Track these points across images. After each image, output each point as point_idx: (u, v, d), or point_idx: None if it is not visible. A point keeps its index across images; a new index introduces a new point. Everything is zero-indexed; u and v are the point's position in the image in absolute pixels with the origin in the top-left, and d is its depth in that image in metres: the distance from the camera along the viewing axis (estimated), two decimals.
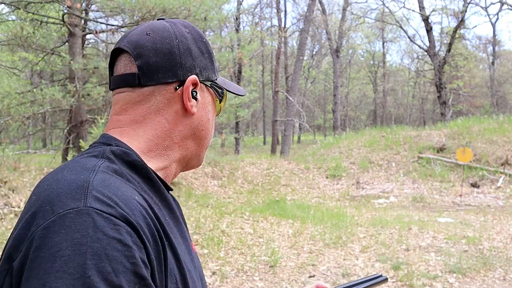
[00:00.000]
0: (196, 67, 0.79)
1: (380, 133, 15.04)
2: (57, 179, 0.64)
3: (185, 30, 0.80)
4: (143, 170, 0.72)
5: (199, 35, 0.82)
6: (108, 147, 0.72)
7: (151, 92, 0.76)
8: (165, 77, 0.76)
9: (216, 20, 10.62)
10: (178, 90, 0.77)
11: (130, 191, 0.65)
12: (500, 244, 5.80)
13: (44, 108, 9.01)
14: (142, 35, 0.77)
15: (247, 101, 10.95)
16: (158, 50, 0.76)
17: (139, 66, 0.75)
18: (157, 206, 0.70)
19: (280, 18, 23.23)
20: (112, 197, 0.61)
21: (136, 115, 0.76)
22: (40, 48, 9.86)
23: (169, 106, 0.77)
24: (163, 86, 0.76)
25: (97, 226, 0.57)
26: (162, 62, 0.75)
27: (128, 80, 0.76)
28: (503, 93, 35.33)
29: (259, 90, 32.39)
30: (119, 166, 0.69)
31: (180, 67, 0.77)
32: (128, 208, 0.61)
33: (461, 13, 21.49)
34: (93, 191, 0.61)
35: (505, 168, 11.18)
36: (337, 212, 7.95)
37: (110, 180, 0.64)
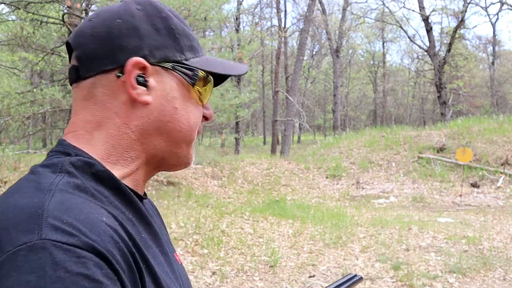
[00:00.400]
0: (143, 48, 0.65)
1: (380, 133, 15.04)
2: (6, 205, 0.54)
3: (136, 7, 0.68)
4: (110, 181, 0.62)
5: (155, 10, 0.69)
6: (67, 158, 0.61)
7: (93, 85, 0.65)
8: (103, 64, 0.64)
9: (216, 20, 10.63)
10: (121, 77, 0.64)
11: (97, 211, 0.55)
12: (500, 244, 5.80)
13: (44, 108, 9.01)
14: (85, 22, 0.68)
15: (247, 101, 10.95)
16: (95, 35, 0.65)
17: (77, 57, 0.66)
18: (131, 223, 0.61)
19: (280, 18, 23.25)
20: (74, 222, 0.51)
21: (87, 114, 0.65)
22: (40, 48, 9.87)
23: (115, 98, 0.65)
24: (104, 76, 0.65)
25: (56, 262, 0.47)
26: (99, 48, 0.64)
27: (72, 75, 0.67)
28: (503, 93, 35.35)
29: (259, 90, 32.40)
30: (82, 180, 0.59)
31: (120, 50, 0.64)
32: (94, 233, 0.51)
33: (461, 13, 21.49)
34: (49, 218, 0.50)
35: (505, 168, 11.18)
36: (337, 212, 7.95)
37: (71, 201, 0.54)
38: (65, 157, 0.62)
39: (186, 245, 5.25)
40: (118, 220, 0.57)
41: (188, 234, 5.63)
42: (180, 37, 0.70)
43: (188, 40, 0.71)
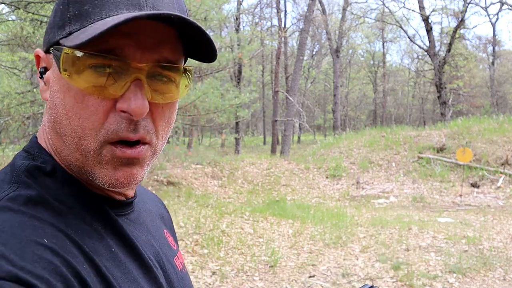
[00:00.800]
0: (46, 35, 0.56)
1: (380, 133, 15.05)
2: None
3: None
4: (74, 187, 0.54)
5: None
6: (25, 164, 0.54)
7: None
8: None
9: (216, 20, 10.62)
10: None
11: (36, 231, 0.46)
12: (500, 244, 5.80)
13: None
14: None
15: (247, 101, 10.94)
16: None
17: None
18: (98, 236, 0.53)
19: (280, 18, 23.24)
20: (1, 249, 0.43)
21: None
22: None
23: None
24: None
25: None
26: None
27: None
28: (503, 93, 35.35)
29: (259, 90, 32.39)
30: (39, 190, 0.51)
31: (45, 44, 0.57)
32: (24, 260, 0.43)
33: (461, 13, 21.49)
34: None
35: (505, 168, 11.18)
36: (337, 212, 7.95)
37: (6, 223, 0.46)
38: (25, 161, 0.54)
39: (186, 245, 5.25)
40: (73, 238, 0.49)
41: (188, 234, 5.63)
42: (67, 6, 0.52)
43: (79, 5, 0.51)
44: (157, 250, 0.64)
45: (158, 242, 0.66)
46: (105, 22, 0.48)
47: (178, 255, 0.71)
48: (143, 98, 0.51)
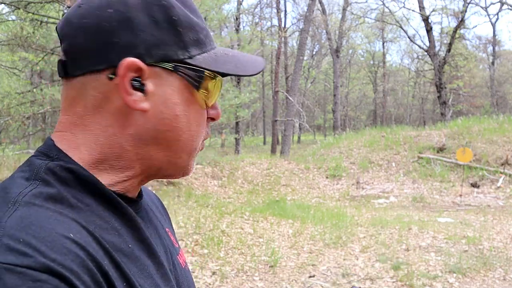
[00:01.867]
0: (138, 45, 0.55)
1: (380, 133, 15.05)
2: None
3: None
4: (93, 187, 0.55)
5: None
6: (44, 163, 0.55)
7: (83, 85, 0.57)
8: (93, 63, 0.55)
9: (216, 20, 10.64)
10: (114, 79, 0.55)
11: (62, 226, 0.49)
12: (500, 244, 5.80)
13: (44, 108, 9.01)
14: (74, 7, 0.58)
15: (247, 101, 10.96)
16: (83, 27, 0.55)
17: (64, 50, 0.57)
18: (115, 233, 0.55)
19: (280, 18, 23.25)
20: (31, 241, 0.45)
21: (74, 115, 0.58)
22: (40, 48, 9.87)
23: (107, 102, 0.56)
24: (94, 76, 0.56)
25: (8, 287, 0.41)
26: (87, 43, 0.55)
27: (59, 70, 0.59)
28: (503, 93, 35.36)
29: (259, 90, 32.41)
30: (58, 188, 0.52)
31: (112, 48, 0.55)
32: (55, 252, 0.45)
33: (461, 13, 21.50)
34: (4, 237, 0.45)
35: (505, 168, 11.19)
36: (337, 212, 7.95)
37: (32, 217, 0.48)
38: (44, 161, 0.55)
39: (186, 245, 5.25)
40: (92, 233, 0.51)
41: (188, 234, 5.63)
42: (184, 30, 0.58)
43: (194, 32, 0.59)
44: (166, 247, 0.66)
45: (165, 239, 0.68)
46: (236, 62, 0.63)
47: (180, 252, 0.73)
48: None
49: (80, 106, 0.57)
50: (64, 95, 0.60)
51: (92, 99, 0.57)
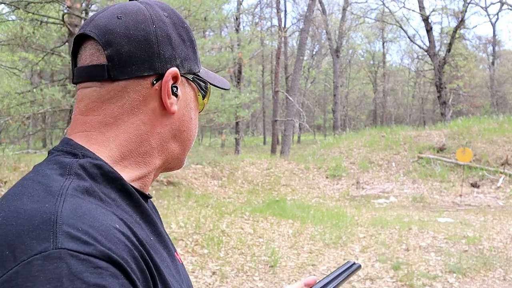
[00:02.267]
0: (176, 58, 0.67)
1: (380, 133, 15.04)
2: (15, 210, 0.50)
3: (163, 13, 0.68)
4: (118, 182, 0.60)
5: (179, 19, 0.70)
6: (75, 160, 0.59)
7: (124, 88, 0.63)
8: (140, 69, 0.63)
9: (216, 20, 10.62)
10: (155, 85, 0.65)
11: (109, 217, 0.53)
12: (500, 244, 5.80)
13: (44, 108, 9.01)
14: (112, 18, 0.64)
15: (247, 101, 10.94)
16: (131, 37, 0.63)
17: (109, 56, 0.63)
18: (139, 226, 0.60)
19: (280, 18, 23.25)
20: (89, 230, 0.49)
21: (106, 115, 0.64)
22: (40, 48, 9.87)
23: (145, 105, 0.65)
24: (138, 81, 0.64)
25: (73, 273, 0.45)
26: (136, 52, 0.63)
27: (96, 73, 0.63)
28: (503, 93, 35.36)
29: (259, 90, 32.40)
30: (90, 183, 0.57)
31: (158, 57, 0.64)
32: (110, 241, 0.49)
33: (461, 13, 21.49)
34: (63, 225, 0.48)
35: (505, 168, 11.19)
36: (337, 212, 7.95)
37: (83, 207, 0.52)
38: (72, 158, 0.60)
39: (186, 245, 5.25)
40: (128, 225, 0.56)
41: (188, 234, 5.63)
42: (196, 48, 0.72)
43: (198, 51, 0.74)
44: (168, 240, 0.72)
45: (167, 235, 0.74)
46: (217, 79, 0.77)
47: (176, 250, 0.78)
48: None
49: (115, 107, 0.64)
50: (94, 97, 0.64)
51: (131, 100, 0.64)
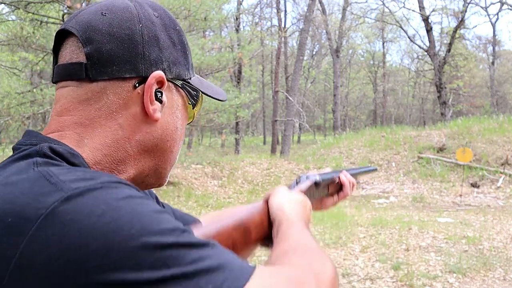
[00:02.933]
0: (163, 61, 0.62)
1: (380, 133, 15.04)
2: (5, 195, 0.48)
3: (154, 13, 0.63)
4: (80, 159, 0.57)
5: (171, 20, 0.65)
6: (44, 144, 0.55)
7: (103, 89, 0.59)
8: (122, 70, 0.59)
9: (216, 20, 10.63)
10: (137, 88, 0.60)
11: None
12: (500, 244, 5.80)
13: (44, 108, 9.01)
14: (96, 14, 0.60)
15: (247, 101, 10.95)
16: (114, 35, 0.59)
17: (88, 54, 0.58)
18: None
19: (280, 18, 23.26)
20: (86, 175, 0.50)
21: (82, 117, 0.59)
22: (40, 48, 9.87)
23: (125, 108, 0.60)
24: (118, 82, 0.59)
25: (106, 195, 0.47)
26: (118, 51, 0.59)
27: (74, 72, 0.59)
28: (503, 93, 35.35)
29: (259, 90, 32.40)
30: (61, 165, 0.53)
31: (142, 59, 0.60)
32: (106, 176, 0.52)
33: (461, 13, 21.50)
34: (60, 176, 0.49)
35: (505, 168, 11.19)
36: (337, 212, 7.95)
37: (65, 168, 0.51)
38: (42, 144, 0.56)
39: None
40: None
41: None
42: (189, 53, 0.67)
43: (191, 56, 0.69)
44: None
45: None
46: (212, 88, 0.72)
47: None
48: None
49: (92, 109, 0.59)
50: (70, 97, 0.60)
51: (110, 103, 0.59)
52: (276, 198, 0.78)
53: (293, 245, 0.62)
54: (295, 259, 0.57)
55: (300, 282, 0.51)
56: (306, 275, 0.53)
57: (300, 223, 0.70)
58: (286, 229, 0.68)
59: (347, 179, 1.05)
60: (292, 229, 0.68)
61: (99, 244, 0.43)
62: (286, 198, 0.78)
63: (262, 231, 0.77)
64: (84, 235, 0.43)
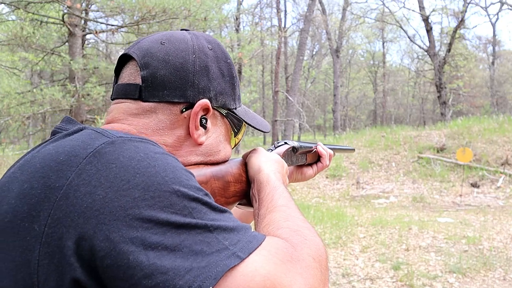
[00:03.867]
0: (211, 90, 0.67)
1: (380, 133, 15.04)
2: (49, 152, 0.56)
3: (208, 45, 0.69)
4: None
5: (223, 54, 0.71)
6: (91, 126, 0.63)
7: (153, 109, 0.65)
8: (172, 95, 0.65)
9: (216, 20, 10.63)
10: (184, 113, 0.66)
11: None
12: (500, 244, 5.80)
13: (44, 108, 9.01)
14: (155, 42, 0.67)
15: (247, 101, 10.95)
16: (169, 63, 0.65)
17: (143, 77, 0.65)
18: None
19: (280, 18, 23.25)
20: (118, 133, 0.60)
21: (130, 125, 0.66)
22: (40, 48, 9.87)
23: (171, 129, 0.66)
24: (168, 105, 0.65)
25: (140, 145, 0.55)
26: (171, 77, 0.65)
27: (129, 91, 0.66)
28: (503, 93, 35.32)
29: (259, 90, 32.39)
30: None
31: (191, 86, 0.66)
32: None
33: (461, 13, 21.49)
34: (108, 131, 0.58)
35: (505, 168, 11.18)
36: (337, 212, 7.95)
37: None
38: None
39: None
40: None
41: None
42: (237, 85, 0.73)
43: (239, 88, 0.74)
44: None
45: None
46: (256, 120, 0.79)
47: None
48: None
49: (141, 121, 0.66)
50: (122, 109, 0.67)
51: (158, 122, 0.65)
52: (254, 157, 0.81)
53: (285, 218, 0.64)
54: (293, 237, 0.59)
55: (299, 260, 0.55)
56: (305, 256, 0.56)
57: (281, 186, 0.73)
58: (271, 195, 0.69)
59: (324, 150, 1.08)
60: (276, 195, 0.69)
61: (138, 181, 0.50)
62: (264, 157, 0.80)
63: (240, 187, 0.78)
64: (126, 172, 0.50)
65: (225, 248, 0.50)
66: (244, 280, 0.49)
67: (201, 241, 0.50)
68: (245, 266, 0.50)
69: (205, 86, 0.67)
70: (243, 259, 0.50)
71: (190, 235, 0.49)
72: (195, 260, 0.48)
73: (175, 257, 0.48)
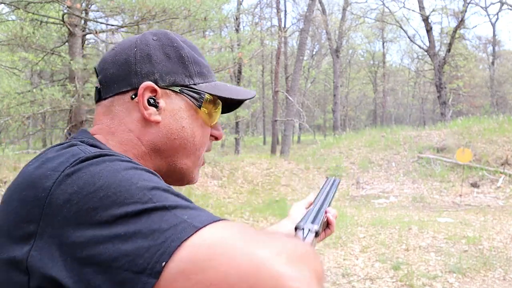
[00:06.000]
0: (155, 73, 0.75)
1: (380, 133, 15.05)
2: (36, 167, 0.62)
3: (152, 37, 0.78)
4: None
5: (169, 40, 0.79)
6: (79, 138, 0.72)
7: (111, 103, 0.76)
8: (120, 86, 0.75)
9: (216, 20, 10.61)
10: (135, 98, 0.74)
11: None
12: (500, 244, 5.80)
13: (44, 108, 9.00)
14: (110, 51, 0.80)
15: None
16: (116, 62, 0.76)
17: (100, 80, 0.77)
18: None
19: (280, 18, 23.23)
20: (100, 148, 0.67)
21: (103, 125, 0.76)
22: (40, 48, 9.86)
23: (129, 115, 0.75)
24: (121, 96, 0.75)
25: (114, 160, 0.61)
26: (118, 73, 0.75)
27: (96, 96, 0.78)
28: (503, 93, 35.30)
29: (259, 90, 32.37)
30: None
31: (134, 74, 0.75)
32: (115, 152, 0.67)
33: (461, 13, 21.50)
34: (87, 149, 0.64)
35: (505, 168, 11.18)
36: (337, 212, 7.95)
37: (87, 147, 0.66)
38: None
39: None
40: None
41: None
42: (190, 64, 0.79)
43: (198, 66, 0.80)
44: None
45: None
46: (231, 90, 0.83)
47: None
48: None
49: (107, 119, 0.76)
50: (96, 113, 0.78)
51: (117, 112, 0.75)
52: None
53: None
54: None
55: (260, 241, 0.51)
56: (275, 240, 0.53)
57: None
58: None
59: (333, 217, 1.10)
60: None
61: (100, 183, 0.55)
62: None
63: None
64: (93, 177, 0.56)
65: (183, 221, 0.52)
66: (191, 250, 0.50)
67: (159, 220, 0.52)
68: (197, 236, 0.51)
69: (148, 71, 0.75)
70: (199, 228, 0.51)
71: (150, 217, 0.53)
72: (152, 238, 0.51)
73: (137, 239, 0.51)
